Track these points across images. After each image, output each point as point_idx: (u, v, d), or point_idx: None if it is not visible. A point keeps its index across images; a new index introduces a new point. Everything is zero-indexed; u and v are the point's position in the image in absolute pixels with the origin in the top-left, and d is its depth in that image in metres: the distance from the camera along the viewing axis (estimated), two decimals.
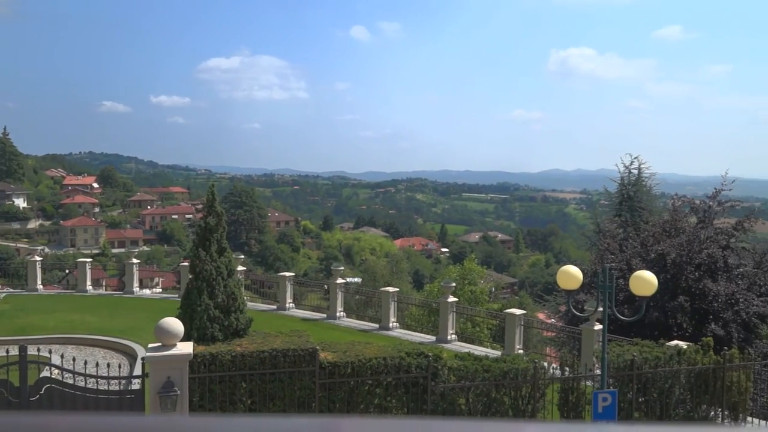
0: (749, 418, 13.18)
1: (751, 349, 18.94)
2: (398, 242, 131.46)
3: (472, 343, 21.46)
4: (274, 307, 24.17)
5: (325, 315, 23.21)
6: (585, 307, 17.04)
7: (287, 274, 25.27)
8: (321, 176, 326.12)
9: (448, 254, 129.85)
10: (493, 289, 45.82)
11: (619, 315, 10.84)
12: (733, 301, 19.99)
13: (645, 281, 9.99)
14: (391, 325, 21.59)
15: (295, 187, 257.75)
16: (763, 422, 13.48)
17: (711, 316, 19.94)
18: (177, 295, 23.30)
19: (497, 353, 17.04)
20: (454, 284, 22.57)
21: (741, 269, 21.02)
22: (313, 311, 24.33)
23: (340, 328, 21.47)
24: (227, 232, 13.62)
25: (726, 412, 12.74)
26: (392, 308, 21.80)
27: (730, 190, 23.78)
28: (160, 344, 10.41)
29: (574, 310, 12.14)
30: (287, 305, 23.89)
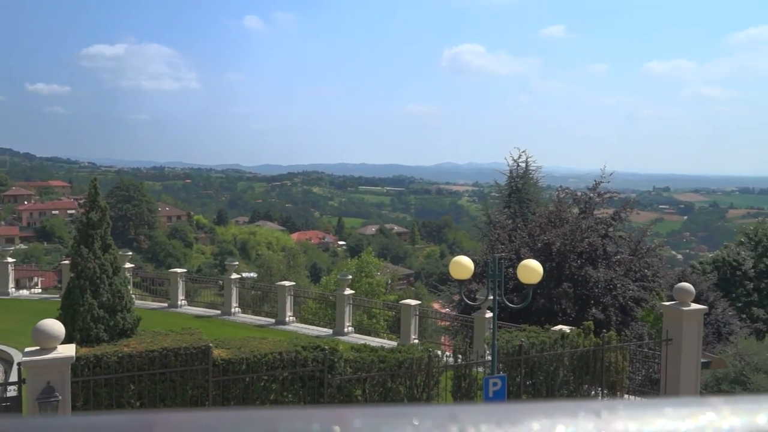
0: (626, 395, 14.12)
1: (627, 330, 20.27)
2: (295, 236, 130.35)
3: (369, 334, 21.65)
4: (166, 305, 23.32)
5: (219, 311, 22.65)
6: (477, 296, 17.60)
7: (179, 270, 24.44)
8: (214, 169, 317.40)
9: (345, 247, 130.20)
10: (390, 280, 46.40)
11: (508, 303, 11.26)
12: (611, 286, 21.30)
13: (532, 270, 10.43)
14: (287, 319, 21.40)
15: (187, 181, 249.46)
16: (638, 398, 14.46)
17: (592, 301, 21.16)
18: (58, 296, 21.96)
19: (393, 344, 17.29)
20: (350, 277, 22.67)
21: (618, 256, 22.40)
22: (207, 308, 23.67)
23: (235, 325, 21.04)
24: (113, 228, 12.96)
25: (605, 391, 13.57)
26: (289, 302, 21.61)
27: (608, 182, 25.27)
28: (38, 348, 9.76)
29: (466, 299, 12.50)
30: (179, 303, 23.12)
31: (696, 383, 13.75)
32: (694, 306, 13.75)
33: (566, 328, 14.43)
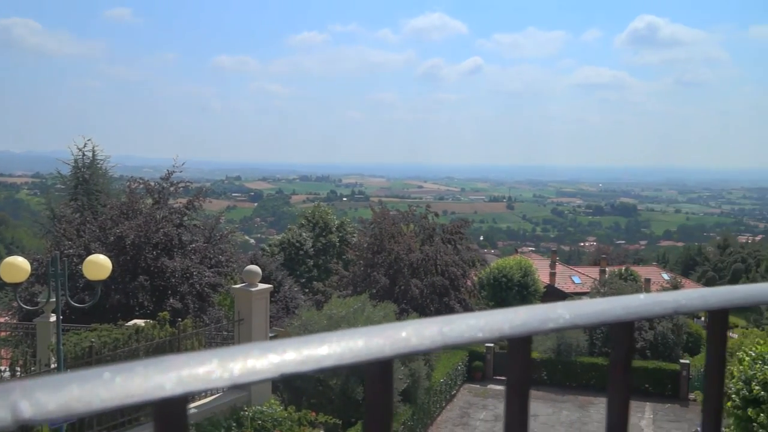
0: None
1: (205, 316, 20.85)
2: None
3: None
4: None
5: None
6: (39, 299, 15.89)
7: None
8: None
9: None
10: None
11: (74, 303, 10.44)
12: (188, 275, 21.54)
13: (99, 265, 9.87)
14: None
15: None
16: None
17: (170, 292, 21.09)
18: None
19: None
20: None
21: (194, 245, 22.77)
22: None
23: None
24: None
25: None
26: None
27: (181, 171, 25.35)
28: None
29: (23, 305, 11.16)
30: None
31: None
32: (262, 286, 14.87)
33: (141, 322, 14.11)
